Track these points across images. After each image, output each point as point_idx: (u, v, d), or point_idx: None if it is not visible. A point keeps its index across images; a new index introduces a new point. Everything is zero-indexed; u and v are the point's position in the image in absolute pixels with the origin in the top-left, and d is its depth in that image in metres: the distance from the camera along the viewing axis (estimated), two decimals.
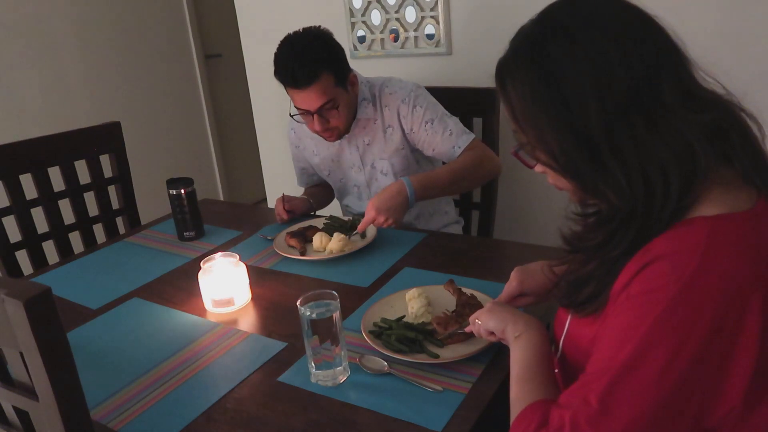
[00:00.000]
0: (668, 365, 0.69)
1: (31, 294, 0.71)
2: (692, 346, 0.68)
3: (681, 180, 0.73)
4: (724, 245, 0.70)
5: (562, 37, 0.75)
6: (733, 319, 0.69)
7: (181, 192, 1.72)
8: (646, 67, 0.74)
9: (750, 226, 0.73)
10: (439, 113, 1.72)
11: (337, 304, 1.07)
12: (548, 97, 0.76)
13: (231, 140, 4.20)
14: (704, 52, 0.80)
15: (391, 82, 1.77)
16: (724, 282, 0.68)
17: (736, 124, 0.77)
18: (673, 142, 0.73)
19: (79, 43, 3.25)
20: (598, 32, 0.74)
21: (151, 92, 3.63)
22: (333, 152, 1.85)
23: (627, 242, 0.76)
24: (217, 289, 1.35)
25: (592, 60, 0.73)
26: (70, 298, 1.48)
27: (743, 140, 0.77)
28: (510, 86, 0.79)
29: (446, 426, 0.95)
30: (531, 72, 0.77)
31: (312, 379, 1.08)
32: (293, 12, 2.53)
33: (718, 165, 0.75)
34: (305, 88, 1.60)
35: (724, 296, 0.68)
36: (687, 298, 0.68)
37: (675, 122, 0.73)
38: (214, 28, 3.99)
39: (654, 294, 0.70)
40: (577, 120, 0.74)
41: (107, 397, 1.10)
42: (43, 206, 1.90)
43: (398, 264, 1.49)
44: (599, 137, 0.74)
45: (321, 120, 1.66)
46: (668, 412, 0.70)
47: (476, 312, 1.04)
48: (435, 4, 2.18)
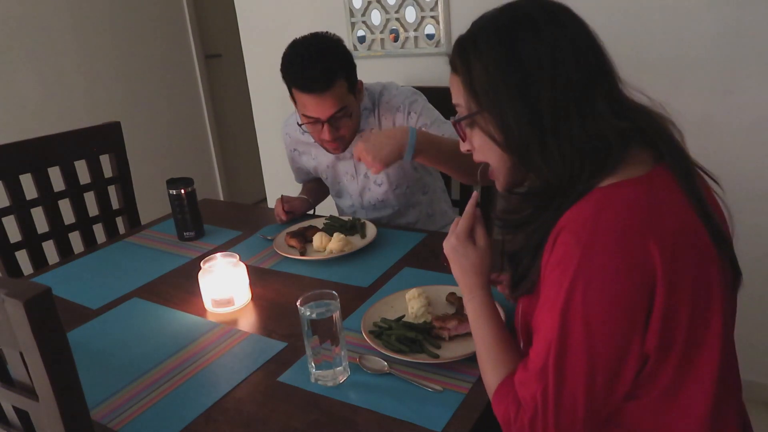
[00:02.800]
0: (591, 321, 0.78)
1: (31, 294, 0.71)
2: (605, 299, 0.78)
3: (591, 166, 0.84)
4: (611, 207, 0.81)
5: (529, 26, 0.85)
6: (635, 266, 0.78)
7: (181, 192, 1.72)
8: (587, 71, 0.85)
9: (642, 189, 0.82)
10: (434, 118, 1.69)
11: (337, 304, 1.07)
12: (511, 74, 0.85)
13: (231, 140, 4.20)
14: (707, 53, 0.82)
15: (388, 90, 1.74)
16: (613, 237, 0.78)
17: (654, 124, 0.88)
18: (594, 137, 0.84)
19: (79, 43, 3.25)
20: (559, 30, 0.85)
21: (151, 92, 3.63)
22: (330, 158, 1.82)
23: (546, 216, 0.86)
24: (217, 289, 1.35)
25: (552, 49, 0.84)
26: (70, 298, 1.48)
27: (659, 132, 0.88)
28: (474, 59, 0.88)
29: (446, 426, 0.95)
30: (499, 51, 0.86)
31: (312, 379, 1.08)
32: (293, 12, 2.53)
33: (632, 148, 0.86)
34: (321, 94, 1.54)
35: (618, 249, 0.78)
36: (588, 259, 0.78)
37: (599, 122, 0.84)
38: (214, 28, 3.99)
39: (563, 263, 0.80)
40: (533, 98, 0.84)
41: (107, 397, 1.10)
42: (43, 206, 1.90)
43: (398, 264, 1.49)
44: (546, 116, 0.84)
45: (331, 129, 1.60)
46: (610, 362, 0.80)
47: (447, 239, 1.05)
48: (435, 4, 2.18)
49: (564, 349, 0.80)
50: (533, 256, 0.89)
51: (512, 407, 0.85)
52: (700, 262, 0.82)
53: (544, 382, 0.81)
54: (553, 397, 0.81)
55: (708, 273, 0.83)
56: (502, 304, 1.20)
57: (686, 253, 0.80)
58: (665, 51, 1.84)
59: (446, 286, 1.29)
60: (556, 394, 0.80)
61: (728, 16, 1.76)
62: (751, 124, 1.82)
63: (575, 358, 0.80)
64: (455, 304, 1.21)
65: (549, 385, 0.81)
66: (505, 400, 0.88)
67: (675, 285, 0.78)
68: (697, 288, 0.81)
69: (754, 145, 1.83)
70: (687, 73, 1.84)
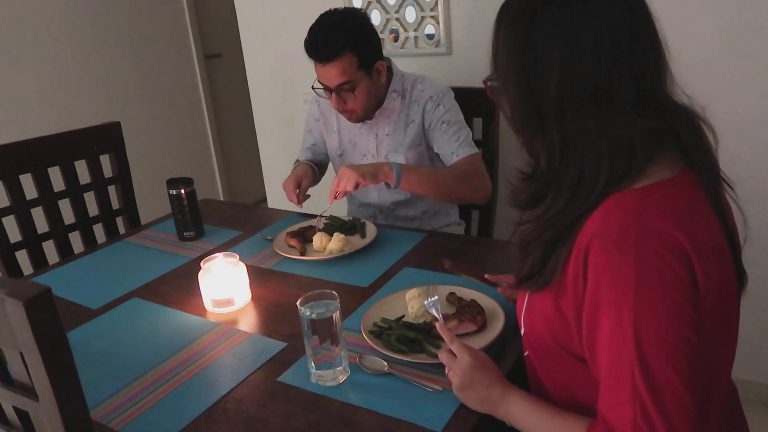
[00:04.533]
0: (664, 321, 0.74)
1: (31, 294, 0.71)
2: (669, 296, 0.74)
3: (611, 170, 0.79)
4: (648, 210, 0.77)
5: (555, 8, 0.80)
6: (685, 267, 0.75)
7: (181, 192, 1.72)
8: (612, 61, 0.79)
9: (673, 194, 0.80)
10: (458, 119, 1.75)
11: (337, 304, 1.07)
12: (522, 56, 0.83)
13: (231, 140, 4.20)
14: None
15: (424, 79, 1.80)
16: (661, 238, 0.75)
17: (690, 128, 0.84)
18: (614, 136, 0.79)
19: (79, 43, 3.25)
20: (585, 15, 0.79)
21: (151, 92, 3.63)
22: (353, 134, 1.86)
23: (555, 210, 0.83)
24: (217, 289, 1.35)
25: (566, 40, 0.79)
26: (70, 298, 1.48)
27: (694, 141, 0.84)
28: (501, 32, 0.86)
29: (446, 426, 0.95)
30: (517, 29, 0.83)
31: (312, 379, 1.08)
32: (293, 12, 2.53)
33: (664, 150, 0.82)
34: (326, 64, 1.63)
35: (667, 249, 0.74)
36: (642, 269, 0.74)
37: (620, 120, 0.79)
38: (214, 28, 3.99)
39: (617, 279, 0.75)
40: (539, 82, 0.81)
41: (107, 397, 1.10)
42: (43, 206, 1.90)
43: (398, 264, 1.49)
44: (549, 106, 0.81)
45: (338, 99, 1.69)
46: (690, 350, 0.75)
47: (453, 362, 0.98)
48: (435, 4, 2.18)
49: (646, 365, 0.74)
50: (547, 252, 0.86)
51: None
52: (723, 267, 0.81)
53: (640, 401, 0.74)
54: (656, 410, 0.73)
55: (729, 279, 0.82)
56: (503, 305, 1.20)
57: (712, 258, 0.78)
58: None
59: (446, 286, 1.29)
60: (658, 407, 0.73)
61: (729, 14, 1.76)
62: (751, 123, 1.82)
63: (661, 369, 0.74)
64: (455, 304, 1.22)
65: (646, 402, 0.74)
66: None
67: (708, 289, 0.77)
68: (722, 294, 0.80)
69: (755, 144, 1.83)
70: (688, 72, 1.84)
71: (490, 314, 1.18)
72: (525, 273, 0.90)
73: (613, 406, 0.77)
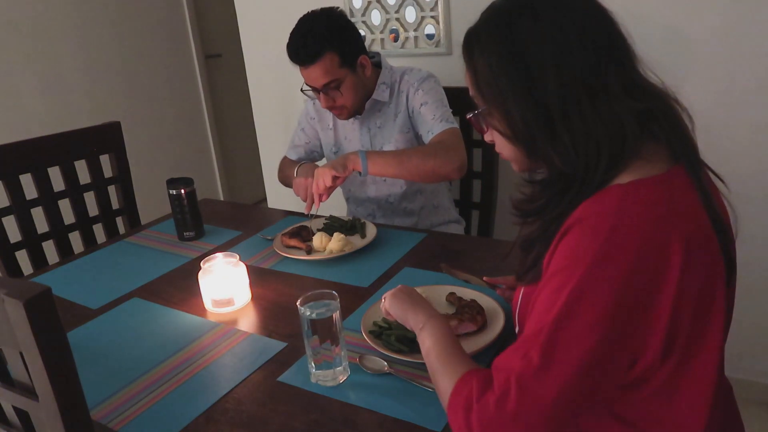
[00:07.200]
0: (597, 314, 0.75)
1: (31, 294, 0.71)
2: (617, 295, 0.75)
3: (609, 156, 0.81)
4: (635, 204, 0.78)
5: (528, 15, 0.83)
6: (652, 267, 0.75)
7: (181, 192, 1.72)
8: (597, 53, 0.82)
9: (662, 189, 0.80)
10: (435, 98, 1.75)
11: (337, 304, 1.07)
12: (513, 67, 0.83)
13: (231, 140, 4.20)
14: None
15: (411, 70, 1.83)
16: (637, 234, 0.76)
17: (668, 111, 0.86)
18: (609, 122, 0.81)
19: (79, 43, 3.25)
20: (562, 14, 0.82)
21: (151, 92, 3.63)
22: (347, 129, 1.88)
23: (563, 206, 0.85)
24: (217, 289, 1.35)
25: (553, 37, 0.81)
26: (70, 298, 1.48)
27: (673, 124, 0.86)
28: (478, 55, 0.87)
29: (446, 426, 0.94)
30: (499, 44, 0.84)
31: (312, 379, 1.08)
32: (293, 12, 2.51)
33: (647, 142, 0.84)
34: (308, 66, 1.66)
35: (639, 247, 0.75)
36: (606, 252, 0.75)
37: (613, 105, 0.81)
38: (214, 28, 3.99)
39: (577, 254, 0.77)
40: (537, 88, 0.82)
41: (107, 397, 1.10)
42: (43, 206, 1.90)
43: (398, 264, 1.49)
44: (554, 105, 0.82)
45: (327, 98, 1.71)
46: (604, 357, 0.76)
47: (387, 292, 1.10)
48: (435, 4, 2.18)
49: (558, 336, 0.75)
50: (546, 246, 0.87)
51: (475, 391, 0.79)
52: (710, 265, 0.81)
53: (527, 360, 0.76)
54: (532, 378, 0.75)
55: (715, 277, 0.82)
56: (502, 305, 1.20)
57: (699, 257, 0.78)
58: (666, 48, 1.84)
59: (446, 286, 1.29)
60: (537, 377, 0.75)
61: (729, 13, 1.76)
62: (751, 123, 1.82)
63: (567, 344, 0.75)
64: (455, 304, 1.22)
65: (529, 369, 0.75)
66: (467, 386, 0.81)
67: (684, 291, 0.77)
68: (704, 293, 0.80)
69: (756, 144, 1.83)
70: (687, 72, 1.84)
71: (490, 314, 1.18)
72: (524, 269, 0.93)
73: (504, 355, 0.80)
